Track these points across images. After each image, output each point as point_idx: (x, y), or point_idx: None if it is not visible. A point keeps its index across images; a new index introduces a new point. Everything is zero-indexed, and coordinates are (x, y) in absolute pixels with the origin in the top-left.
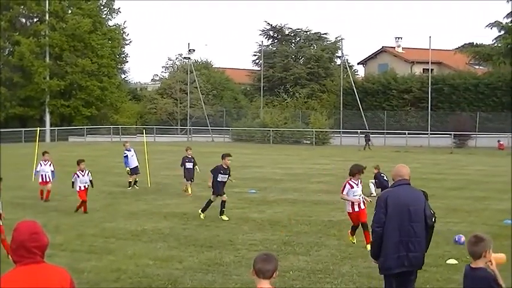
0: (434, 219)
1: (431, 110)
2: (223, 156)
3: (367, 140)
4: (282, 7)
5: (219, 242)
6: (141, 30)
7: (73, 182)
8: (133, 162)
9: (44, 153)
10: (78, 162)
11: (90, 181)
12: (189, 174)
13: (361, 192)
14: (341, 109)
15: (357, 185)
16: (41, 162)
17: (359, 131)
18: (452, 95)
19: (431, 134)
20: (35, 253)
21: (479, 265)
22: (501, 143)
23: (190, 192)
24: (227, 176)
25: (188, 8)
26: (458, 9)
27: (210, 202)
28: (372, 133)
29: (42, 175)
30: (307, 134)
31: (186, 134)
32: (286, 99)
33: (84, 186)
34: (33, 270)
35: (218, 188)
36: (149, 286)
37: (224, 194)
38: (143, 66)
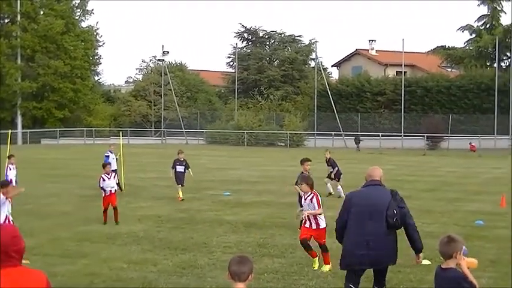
0: (397, 220)
1: (404, 112)
2: (303, 161)
3: (357, 142)
4: (257, 9)
5: (193, 245)
6: (114, 31)
7: (101, 187)
8: (113, 165)
9: (10, 157)
10: (104, 166)
11: (117, 184)
12: (179, 178)
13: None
14: (315, 111)
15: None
16: (10, 166)
17: (333, 133)
18: (425, 97)
19: (404, 136)
20: (13, 257)
21: (450, 265)
22: (473, 144)
23: (181, 196)
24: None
25: (162, 10)
26: (431, 13)
27: None
28: (346, 135)
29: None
30: (282, 136)
31: (160, 137)
32: (260, 102)
33: (110, 191)
34: (9, 274)
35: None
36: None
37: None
38: (117, 68)
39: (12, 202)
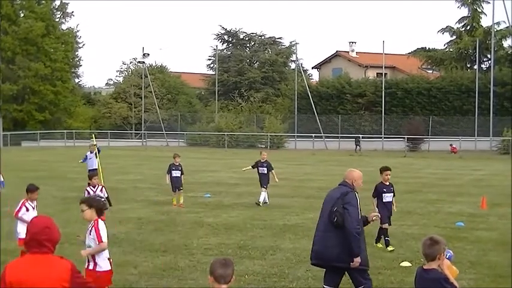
0: (336, 217)
1: (385, 114)
2: (382, 170)
3: (357, 143)
4: (237, 11)
5: (174, 247)
6: (95, 33)
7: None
8: (93, 164)
9: None
10: (91, 177)
11: (107, 198)
12: (177, 183)
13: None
14: (295, 113)
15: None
16: None
17: (313, 135)
18: (406, 99)
19: (385, 137)
20: (45, 245)
21: (432, 266)
22: (453, 146)
23: (178, 202)
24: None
25: (142, 12)
26: (411, 14)
27: None
28: (327, 137)
29: None
30: (262, 138)
31: (141, 139)
32: (240, 104)
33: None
34: (37, 260)
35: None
36: None
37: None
38: (97, 70)
39: None
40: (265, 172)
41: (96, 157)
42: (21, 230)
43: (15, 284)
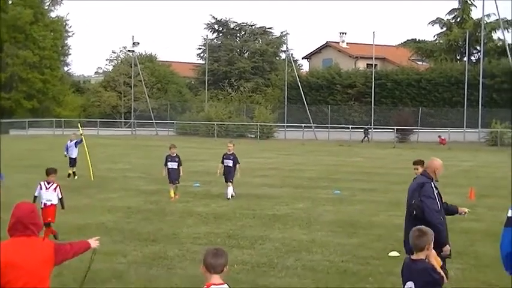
0: (415, 210)
1: (374, 104)
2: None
3: (366, 133)
4: (228, 1)
5: (163, 236)
6: (84, 22)
7: (35, 196)
8: (73, 153)
9: None
10: (48, 173)
11: (60, 200)
12: (173, 176)
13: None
14: (285, 103)
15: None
16: None
17: (303, 125)
18: (395, 90)
19: (374, 128)
20: (29, 228)
21: (420, 257)
22: (442, 138)
23: (174, 195)
24: None
25: (132, 1)
26: (402, 6)
27: None
28: (316, 127)
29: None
30: (252, 128)
31: (130, 128)
32: (230, 93)
33: (45, 204)
34: (23, 242)
35: None
36: (93, 281)
37: None
38: (86, 58)
39: None
40: (230, 165)
41: (76, 146)
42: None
43: (5, 264)
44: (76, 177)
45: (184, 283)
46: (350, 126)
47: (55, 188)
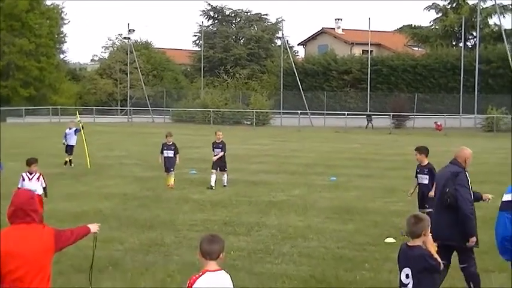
0: (449, 198)
1: (370, 91)
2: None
3: (369, 120)
4: None
5: (159, 223)
6: (80, 9)
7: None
8: (72, 140)
9: None
10: (29, 163)
11: (44, 189)
12: (168, 163)
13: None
14: (281, 90)
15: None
16: None
17: (299, 112)
18: (391, 76)
19: (370, 114)
20: (30, 215)
21: (417, 243)
22: (438, 124)
23: (172, 183)
24: None
25: None
26: None
27: None
28: (312, 114)
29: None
30: (248, 114)
31: (126, 115)
32: (226, 80)
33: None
34: (24, 229)
35: None
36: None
37: None
38: (82, 46)
39: None
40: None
41: (76, 134)
42: None
43: (6, 253)
44: (72, 165)
45: (181, 270)
46: (346, 112)
47: (38, 178)
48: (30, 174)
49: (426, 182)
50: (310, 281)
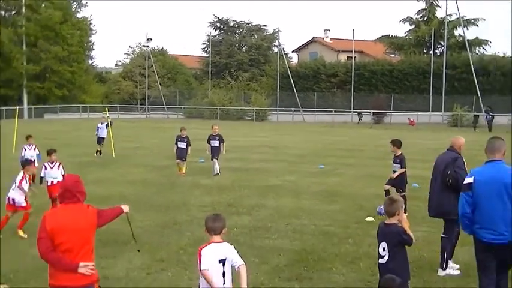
0: (450, 180)
1: (354, 91)
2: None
3: (360, 117)
4: (228, 2)
5: (174, 205)
6: (105, 21)
7: (41, 177)
8: (103, 133)
9: (27, 138)
10: (49, 153)
11: (63, 176)
12: (181, 154)
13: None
14: (278, 90)
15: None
16: (25, 146)
17: (293, 109)
18: (372, 79)
19: (354, 111)
20: (76, 196)
21: (393, 221)
22: (411, 120)
23: (184, 171)
24: None
25: (147, 3)
26: (378, 6)
27: None
28: (304, 111)
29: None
30: (249, 111)
31: (145, 112)
32: (230, 82)
33: (52, 182)
34: (70, 208)
35: None
36: (115, 242)
37: None
38: (108, 53)
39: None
40: (217, 145)
41: (107, 128)
42: None
43: (56, 228)
44: (101, 154)
45: (192, 244)
46: (333, 110)
47: (58, 166)
48: (51, 163)
49: (398, 172)
50: (302, 253)
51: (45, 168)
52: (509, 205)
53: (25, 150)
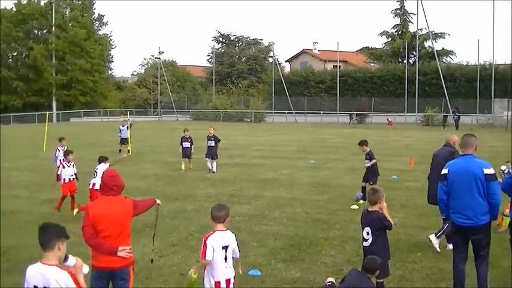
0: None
1: (339, 95)
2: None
3: (351, 117)
4: (229, 19)
5: (183, 195)
6: (123, 37)
7: (58, 174)
8: (125, 134)
9: (60, 139)
10: (66, 153)
11: (75, 174)
12: (185, 153)
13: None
14: (273, 95)
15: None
16: (59, 148)
17: (286, 111)
18: (354, 85)
19: (339, 113)
20: (113, 189)
21: (374, 209)
22: (389, 120)
23: (183, 168)
24: None
25: (159, 21)
26: (359, 21)
27: None
28: (296, 113)
29: (60, 160)
30: (248, 114)
31: (158, 115)
32: (232, 88)
33: (69, 179)
34: (109, 199)
35: None
36: (132, 228)
37: None
38: (125, 64)
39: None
40: (213, 145)
41: (128, 129)
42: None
43: (97, 217)
44: (123, 153)
45: (199, 230)
46: (321, 112)
47: (73, 165)
48: (68, 162)
49: (369, 164)
50: (295, 238)
51: (63, 167)
52: (477, 193)
53: (59, 151)
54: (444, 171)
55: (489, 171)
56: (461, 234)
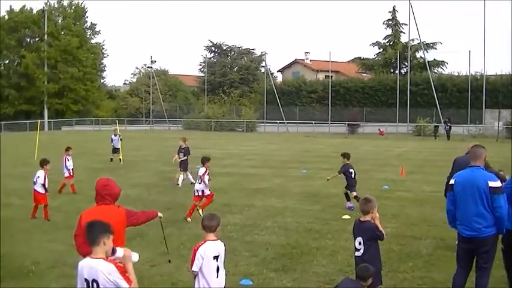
0: None
1: (331, 105)
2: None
3: (350, 128)
4: (221, 28)
5: (175, 205)
6: (115, 46)
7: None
8: (116, 144)
9: (67, 149)
10: (43, 163)
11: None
12: (182, 165)
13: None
14: (265, 105)
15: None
16: (67, 157)
17: (278, 121)
18: (346, 94)
19: (331, 123)
20: (106, 198)
21: (367, 219)
22: (381, 130)
23: (176, 177)
24: None
25: (151, 30)
26: (351, 32)
27: None
28: (288, 123)
29: (69, 170)
30: (240, 123)
31: (149, 124)
32: (224, 98)
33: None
34: (102, 209)
35: None
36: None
37: None
38: (117, 73)
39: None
40: (185, 158)
41: (119, 141)
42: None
43: None
44: (113, 160)
45: (191, 239)
46: (313, 122)
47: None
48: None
49: (350, 174)
50: (287, 247)
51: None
52: (481, 205)
53: (68, 160)
54: (451, 181)
55: (494, 184)
56: (466, 245)
